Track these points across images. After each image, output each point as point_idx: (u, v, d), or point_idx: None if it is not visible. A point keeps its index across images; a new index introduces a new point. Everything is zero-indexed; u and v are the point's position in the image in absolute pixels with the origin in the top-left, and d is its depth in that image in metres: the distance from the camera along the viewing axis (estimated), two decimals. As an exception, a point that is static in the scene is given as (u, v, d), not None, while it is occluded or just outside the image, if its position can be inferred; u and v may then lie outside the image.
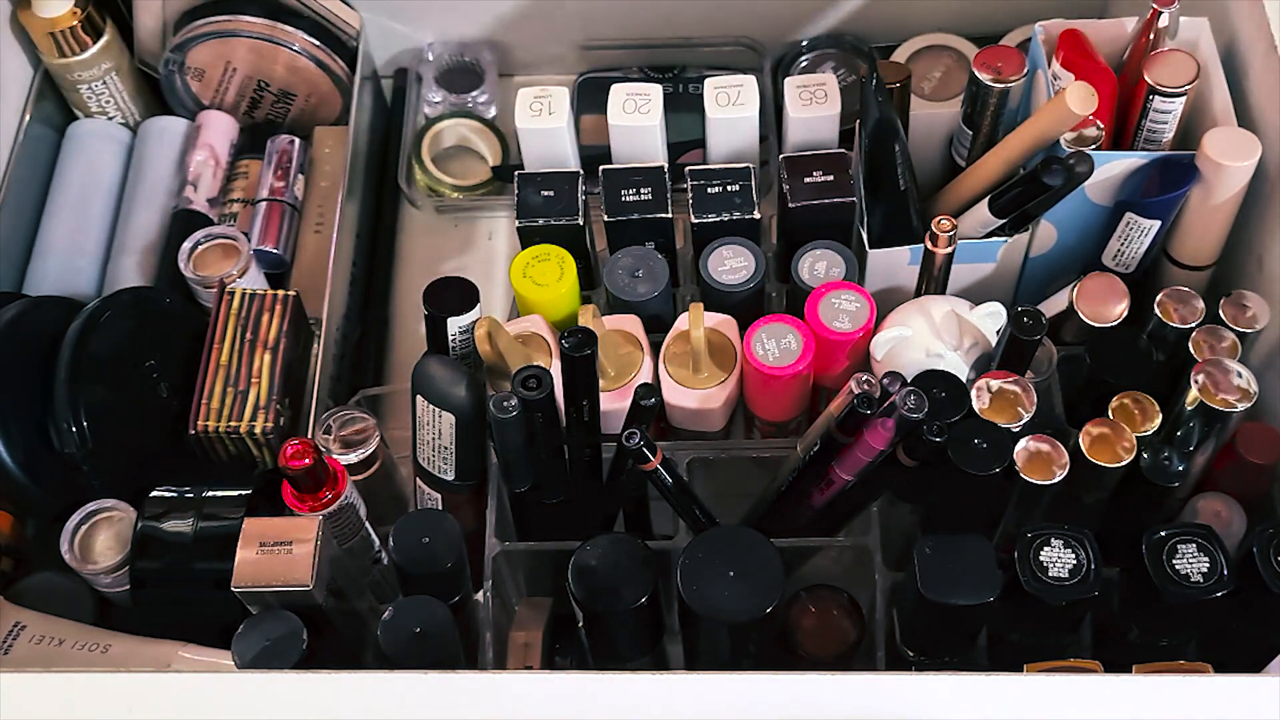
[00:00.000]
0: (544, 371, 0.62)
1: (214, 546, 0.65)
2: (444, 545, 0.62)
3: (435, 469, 0.69)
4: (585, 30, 0.92)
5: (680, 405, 0.69)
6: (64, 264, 0.81)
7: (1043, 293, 0.73)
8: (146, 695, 0.52)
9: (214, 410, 0.71)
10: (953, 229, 0.66)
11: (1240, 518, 0.65)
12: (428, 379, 0.66)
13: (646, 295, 0.71)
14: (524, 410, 0.62)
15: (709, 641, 0.63)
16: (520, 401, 0.61)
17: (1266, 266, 0.69)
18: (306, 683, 0.53)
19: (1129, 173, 0.69)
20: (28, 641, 0.66)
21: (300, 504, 0.64)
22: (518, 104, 0.75)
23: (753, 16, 0.90)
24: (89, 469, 0.69)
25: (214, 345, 0.72)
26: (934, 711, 0.51)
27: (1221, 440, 0.65)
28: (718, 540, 0.62)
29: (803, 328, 0.67)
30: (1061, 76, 0.69)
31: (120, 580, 0.68)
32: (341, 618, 0.64)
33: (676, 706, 0.51)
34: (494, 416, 0.62)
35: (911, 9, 0.88)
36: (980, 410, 0.62)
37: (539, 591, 0.73)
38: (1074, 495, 0.62)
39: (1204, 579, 0.59)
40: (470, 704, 0.52)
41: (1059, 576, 0.59)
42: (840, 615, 0.66)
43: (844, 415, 0.61)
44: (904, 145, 0.72)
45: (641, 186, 0.74)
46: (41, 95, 0.85)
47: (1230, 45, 0.71)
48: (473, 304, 0.68)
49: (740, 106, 0.75)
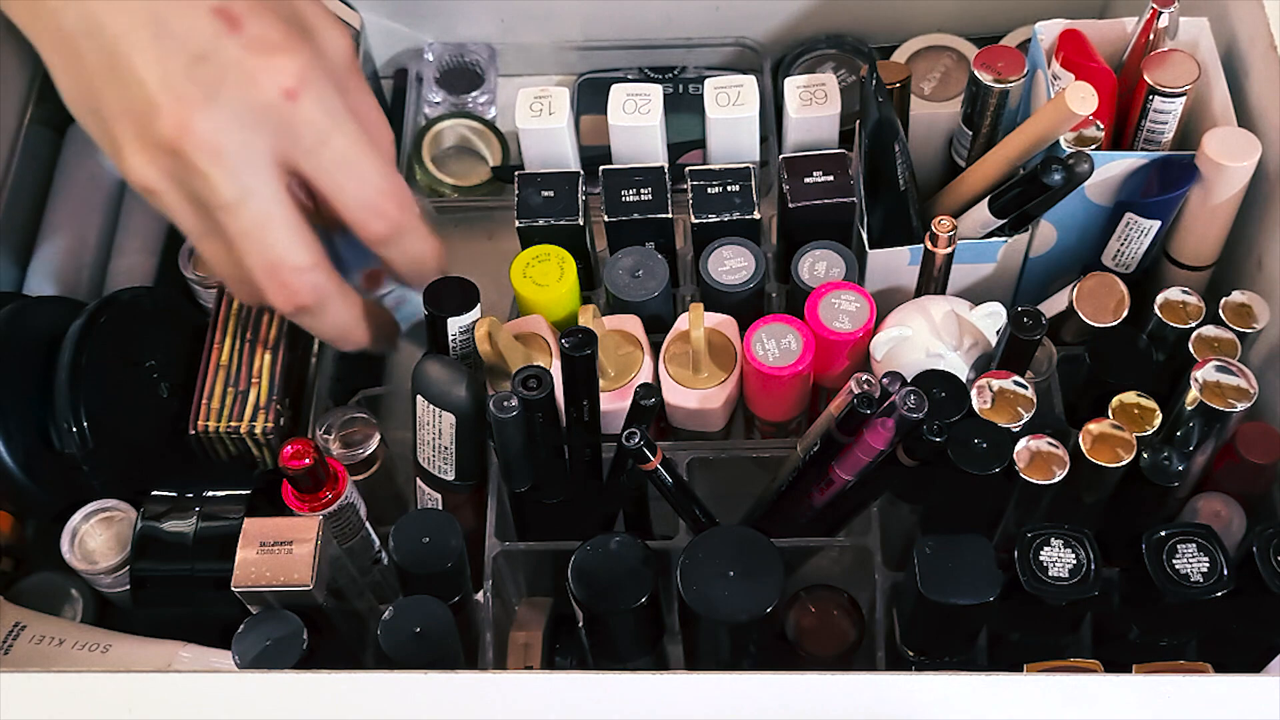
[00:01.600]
0: (544, 371, 0.62)
1: (214, 546, 0.65)
2: (444, 545, 0.62)
3: (435, 469, 0.69)
4: (585, 30, 0.92)
5: (680, 405, 0.69)
6: (64, 264, 0.81)
7: (1043, 293, 0.73)
8: (146, 695, 0.52)
9: (214, 410, 0.71)
10: (953, 229, 0.66)
11: (1240, 518, 0.65)
12: (428, 379, 0.66)
13: (646, 295, 0.71)
14: (524, 410, 0.62)
15: (709, 641, 0.63)
16: (520, 401, 0.61)
17: (1266, 266, 0.69)
18: (306, 683, 0.53)
19: (1129, 173, 0.69)
20: (28, 641, 0.66)
21: (300, 504, 0.64)
22: (518, 104, 0.75)
23: (753, 16, 0.90)
24: (89, 469, 0.69)
25: (214, 345, 0.72)
26: (934, 711, 0.51)
27: (1221, 440, 0.65)
28: (718, 540, 0.62)
29: (803, 328, 0.67)
30: (1061, 76, 0.69)
31: (120, 580, 0.68)
32: (341, 618, 0.64)
33: (676, 706, 0.51)
34: (494, 416, 0.62)
35: (911, 9, 0.88)
36: (981, 410, 0.62)
37: (539, 591, 0.73)
38: (1074, 495, 0.62)
39: (1204, 579, 0.59)
40: (470, 704, 0.52)
41: (1059, 576, 0.59)
42: (840, 615, 0.66)
43: (844, 415, 0.61)
44: (904, 145, 0.72)
45: (641, 187, 0.74)
46: (42, 95, 0.85)
47: (1230, 45, 0.71)
48: (473, 304, 0.68)
49: (740, 106, 0.75)
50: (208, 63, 0.57)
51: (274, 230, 0.60)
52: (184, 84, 0.57)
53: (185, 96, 0.57)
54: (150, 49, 0.57)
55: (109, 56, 0.58)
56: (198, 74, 0.57)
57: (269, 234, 0.60)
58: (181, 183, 0.59)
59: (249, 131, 0.58)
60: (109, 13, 0.57)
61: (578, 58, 0.93)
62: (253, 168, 0.59)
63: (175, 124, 0.57)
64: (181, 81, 0.57)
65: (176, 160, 0.58)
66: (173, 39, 0.57)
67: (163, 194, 0.59)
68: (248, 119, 0.58)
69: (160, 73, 0.57)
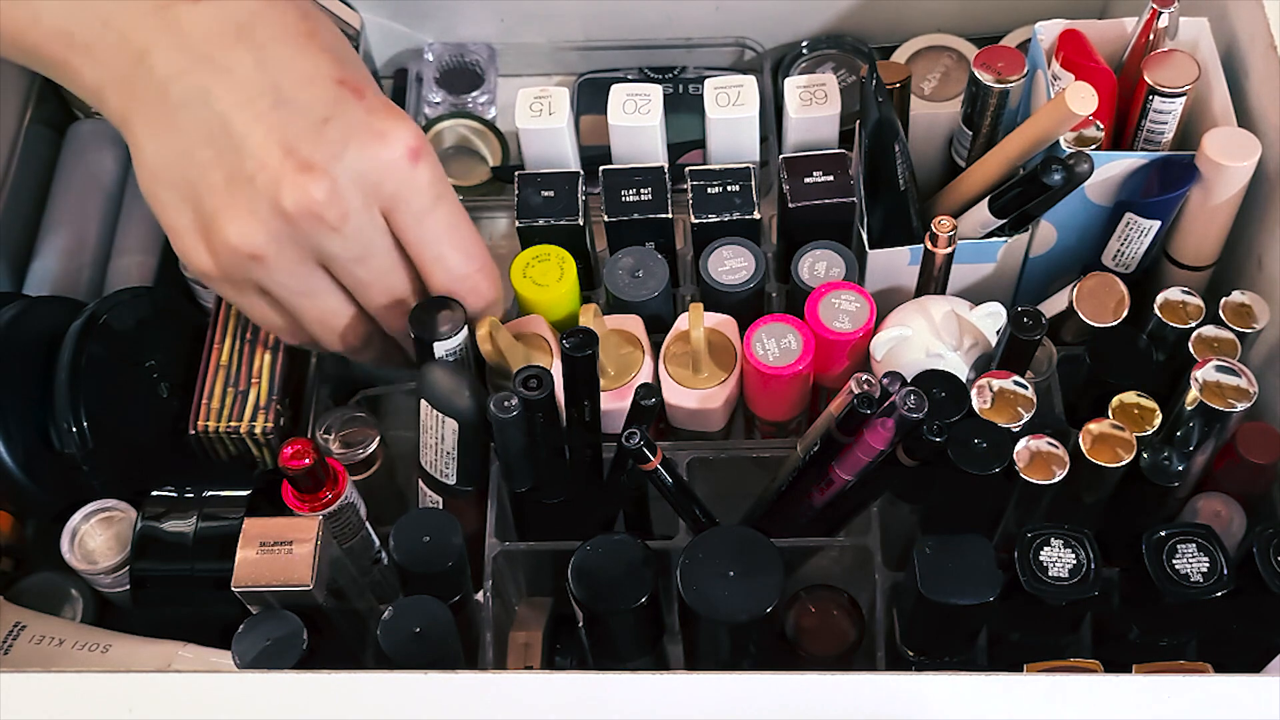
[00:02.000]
0: (545, 371, 0.62)
1: (214, 546, 0.65)
2: (444, 544, 0.62)
3: (437, 472, 0.69)
4: (585, 30, 0.92)
5: (680, 405, 0.69)
6: (64, 264, 0.81)
7: (1043, 293, 0.73)
8: (146, 695, 0.52)
9: (214, 410, 0.71)
10: (953, 229, 0.66)
11: (1240, 518, 0.65)
12: (432, 384, 0.66)
13: (646, 295, 0.71)
14: (525, 410, 0.62)
15: (709, 641, 0.63)
16: (521, 401, 0.61)
17: (1266, 266, 0.69)
18: (306, 683, 0.53)
19: (1129, 173, 0.69)
20: (28, 641, 0.66)
21: (300, 504, 0.64)
22: (518, 104, 0.75)
23: (753, 16, 0.90)
24: (89, 469, 0.69)
25: (214, 345, 0.73)
26: (934, 711, 0.51)
27: (1221, 440, 0.65)
28: (718, 540, 0.62)
29: (803, 328, 0.67)
30: (1061, 76, 0.69)
31: (120, 580, 0.68)
32: (341, 618, 0.64)
33: (676, 706, 0.51)
34: (495, 416, 0.62)
35: (911, 9, 0.88)
36: (981, 410, 0.62)
37: (539, 591, 0.73)
38: (1074, 495, 0.62)
39: (1204, 579, 0.59)
40: (470, 704, 0.52)
41: (1059, 576, 0.59)
42: (840, 615, 0.66)
43: (844, 415, 0.61)
44: (904, 145, 0.72)
45: (641, 187, 0.74)
46: (42, 95, 0.85)
47: (1230, 45, 0.71)
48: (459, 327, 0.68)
49: (740, 106, 0.75)
50: (333, 124, 0.58)
51: (400, 278, 0.64)
52: (310, 147, 0.58)
53: (311, 159, 0.58)
54: (271, 116, 0.58)
55: (219, 127, 0.58)
56: (326, 134, 0.58)
57: (394, 280, 0.63)
58: (295, 243, 0.60)
59: (370, 190, 0.60)
60: (223, 85, 0.58)
61: (578, 58, 0.93)
62: (375, 225, 0.61)
63: (297, 186, 0.58)
64: (307, 145, 0.58)
65: (289, 223, 0.59)
66: (296, 106, 0.58)
67: (269, 258, 0.60)
68: (371, 177, 0.59)
69: (280, 138, 0.58)
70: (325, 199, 0.58)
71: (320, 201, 0.58)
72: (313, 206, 0.58)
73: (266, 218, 0.59)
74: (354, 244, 0.61)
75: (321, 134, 0.58)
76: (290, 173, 0.58)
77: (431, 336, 0.65)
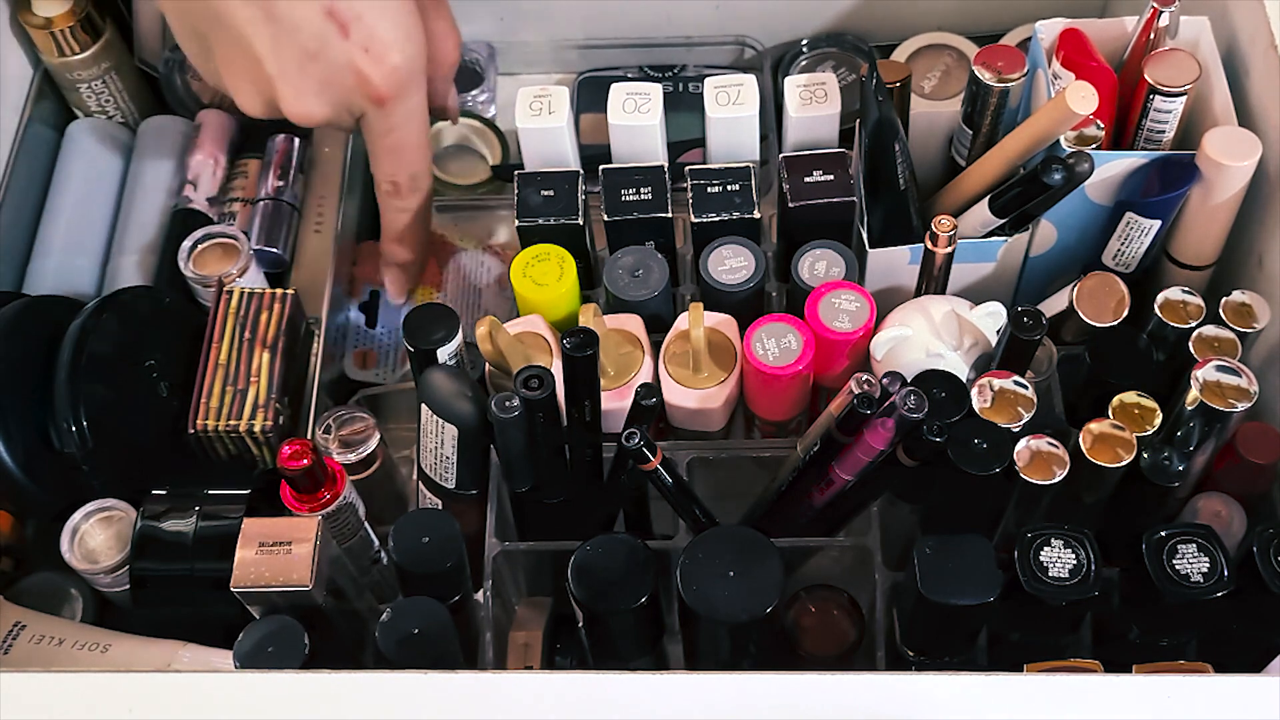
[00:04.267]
0: (546, 371, 0.62)
1: (214, 546, 0.65)
2: (444, 544, 0.62)
3: (437, 476, 0.69)
4: (585, 30, 0.92)
5: (680, 405, 0.69)
6: (64, 264, 0.81)
7: (1043, 293, 0.73)
8: (146, 695, 0.52)
9: (213, 409, 0.71)
10: (953, 229, 0.66)
11: (1240, 518, 0.65)
12: (432, 389, 0.66)
13: (646, 295, 0.71)
14: (526, 410, 0.62)
15: (709, 641, 0.63)
16: (522, 401, 0.61)
17: (1266, 266, 0.69)
18: (306, 683, 0.53)
19: (1129, 172, 0.69)
20: (28, 641, 0.66)
21: (299, 504, 0.64)
22: (518, 103, 0.75)
23: (753, 16, 0.90)
24: (89, 469, 0.69)
25: (213, 344, 0.72)
26: (934, 711, 0.51)
27: (1221, 440, 0.65)
28: (718, 540, 0.62)
29: (803, 327, 0.67)
30: (1061, 76, 0.69)
31: (120, 580, 0.68)
32: (341, 618, 0.64)
33: (676, 706, 0.51)
34: (495, 416, 0.62)
35: (911, 9, 0.88)
36: (981, 410, 0.62)
37: (539, 591, 0.73)
38: (1074, 495, 0.62)
39: (1204, 579, 0.59)
40: (470, 704, 0.52)
41: (1059, 576, 0.59)
42: (840, 615, 0.66)
43: (844, 415, 0.61)
44: (904, 145, 0.72)
45: (641, 186, 0.74)
46: (41, 95, 0.85)
47: (1230, 45, 0.71)
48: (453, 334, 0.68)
49: (740, 106, 0.75)
50: (317, 63, 0.67)
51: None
52: (298, 78, 0.67)
53: (300, 89, 0.67)
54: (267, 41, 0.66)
55: (238, 41, 0.67)
56: (310, 71, 0.67)
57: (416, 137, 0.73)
58: None
59: (342, 107, 0.70)
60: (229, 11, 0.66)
61: (577, 56, 0.93)
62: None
63: (287, 106, 0.68)
64: (296, 76, 0.67)
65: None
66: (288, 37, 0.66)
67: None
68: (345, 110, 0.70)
69: (278, 67, 0.67)
70: (302, 119, 0.69)
71: (300, 119, 0.69)
72: (292, 117, 0.69)
73: (266, 109, 0.69)
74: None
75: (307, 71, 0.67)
76: (283, 96, 0.68)
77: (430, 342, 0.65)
